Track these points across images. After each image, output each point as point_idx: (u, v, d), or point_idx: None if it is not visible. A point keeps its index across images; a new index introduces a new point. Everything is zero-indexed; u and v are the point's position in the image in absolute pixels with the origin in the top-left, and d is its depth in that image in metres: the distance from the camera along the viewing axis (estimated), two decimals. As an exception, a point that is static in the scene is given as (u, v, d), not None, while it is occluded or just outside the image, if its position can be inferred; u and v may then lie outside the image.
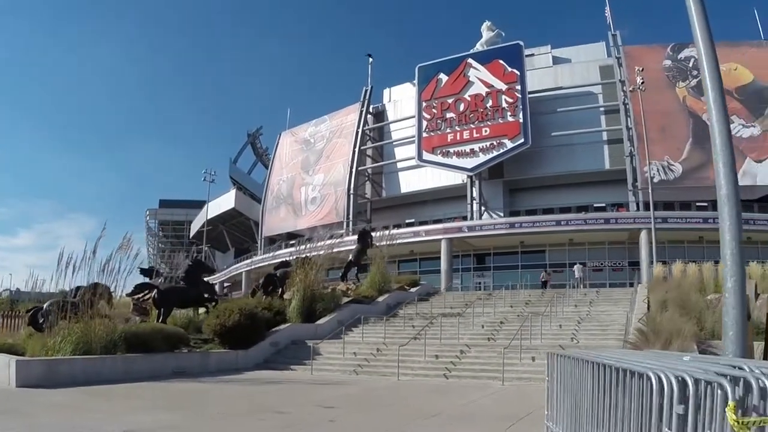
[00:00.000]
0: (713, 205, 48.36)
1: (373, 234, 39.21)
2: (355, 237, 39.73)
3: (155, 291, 25.16)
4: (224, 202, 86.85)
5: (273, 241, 73.17)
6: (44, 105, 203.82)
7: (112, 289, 22.13)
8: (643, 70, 49.76)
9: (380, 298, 32.44)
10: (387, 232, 41.22)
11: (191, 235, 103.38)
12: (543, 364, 17.74)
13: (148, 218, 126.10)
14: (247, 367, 22.87)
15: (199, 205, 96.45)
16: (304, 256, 30.93)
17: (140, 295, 25.37)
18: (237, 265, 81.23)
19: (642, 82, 48.24)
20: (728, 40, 55.82)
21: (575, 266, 47.03)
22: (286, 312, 28.26)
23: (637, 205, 47.06)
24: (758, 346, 13.92)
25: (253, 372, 21.83)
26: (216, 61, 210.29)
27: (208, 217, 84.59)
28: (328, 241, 35.62)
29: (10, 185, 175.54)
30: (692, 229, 47.81)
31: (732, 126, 47.99)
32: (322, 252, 32.28)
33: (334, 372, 21.55)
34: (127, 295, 25.38)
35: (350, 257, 37.74)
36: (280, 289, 31.14)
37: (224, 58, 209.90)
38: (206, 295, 28.02)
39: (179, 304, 26.48)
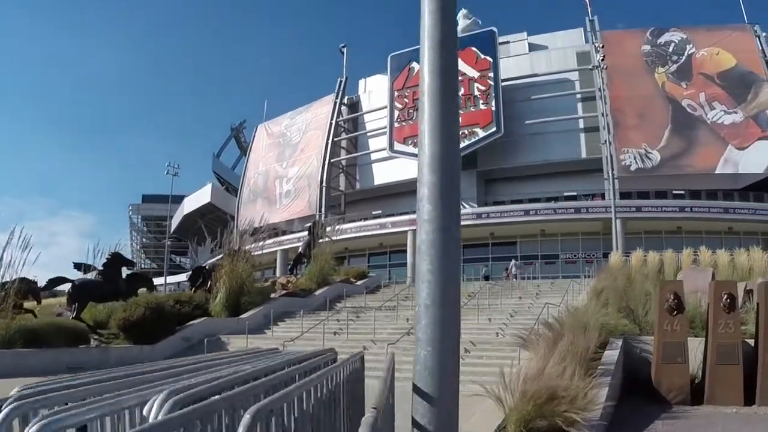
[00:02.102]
0: (691, 193, 48.03)
1: (326, 226, 37.15)
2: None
3: (70, 285, 24.17)
4: (201, 196, 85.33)
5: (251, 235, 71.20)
6: (25, 99, 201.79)
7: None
8: (603, 46, 48.09)
9: (318, 292, 30.92)
10: (337, 226, 39.18)
11: (172, 230, 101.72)
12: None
13: (131, 213, 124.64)
14: (152, 363, 21.07)
15: (180, 200, 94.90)
16: (231, 248, 29.05)
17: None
18: (212, 260, 79.32)
19: (603, 58, 46.54)
20: (711, 24, 55.51)
21: (510, 262, 45.53)
22: (210, 306, 27.04)
23: (613, 194, 44.96)
24: (698, 344, 12.24)
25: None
26: (199, 56, 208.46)
27: (186, 212, 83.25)
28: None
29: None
30: (669, 219, 46.37)
31: (713, 112, 48.11)
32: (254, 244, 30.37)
33: None
34: (42, 289, 25.17)
35: (300, 249, 36.24)
36: (209, 282, 29.33)
37: (208, 52, 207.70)
38: (143, 288, 27.48)
39: (95, 299, 25.25)
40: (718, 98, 51.40)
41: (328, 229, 38.44)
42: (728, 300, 11.75)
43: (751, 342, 12.12)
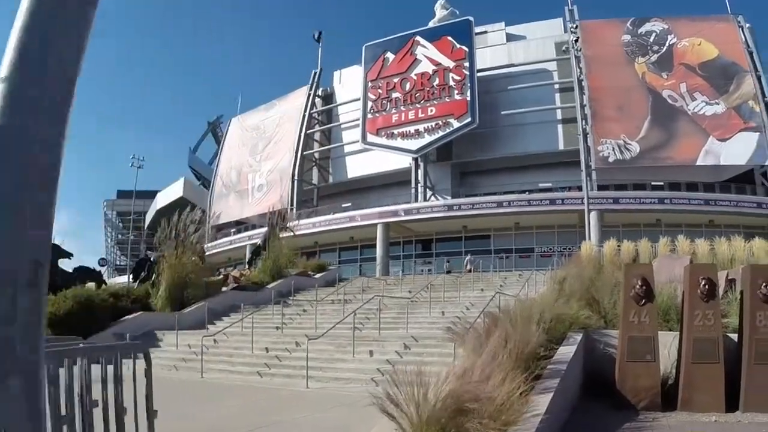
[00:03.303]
0: (670, 185, 46.50)
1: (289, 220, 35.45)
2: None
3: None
4: (173, 191, 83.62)
5: (221, 230, 69.41)
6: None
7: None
8: (577, 39, 46.81)
9: (271, 285, 29.16)
10: (298, 221, 37.54)
11: (146, 225, 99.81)
12: (381, 360, 14.35)
13: (105, 209, 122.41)
14: (80, 362, 19.12)
15: (154, 195, 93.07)
16: (176, 238, 27.05)
17: None
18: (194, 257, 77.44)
19: (577, 45, 45.46)
20: (693, 15, 54.22)
21: (466, 258, 43.89)
22: (151, 300, 25.35)
23: (586, 184, 43.24)
24: (672, 339, 10.47)
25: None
26: (177, 49, 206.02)
27: (159, 207, 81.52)
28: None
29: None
30: (647, 211, 44.82)
31: (695, 103, 46.58)
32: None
33: (157, 368, 17.50)
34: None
35: (259, 242, 34.45)
36: (154, 275, 27.29)
37: (186, 46, 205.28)
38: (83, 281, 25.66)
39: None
40: (700, 89, 49.94)
41: (291, 223, 36.56)
42: (706, 286, 9.93)
43: (734, 337, 10.41)
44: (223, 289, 28.37)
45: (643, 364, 9.86)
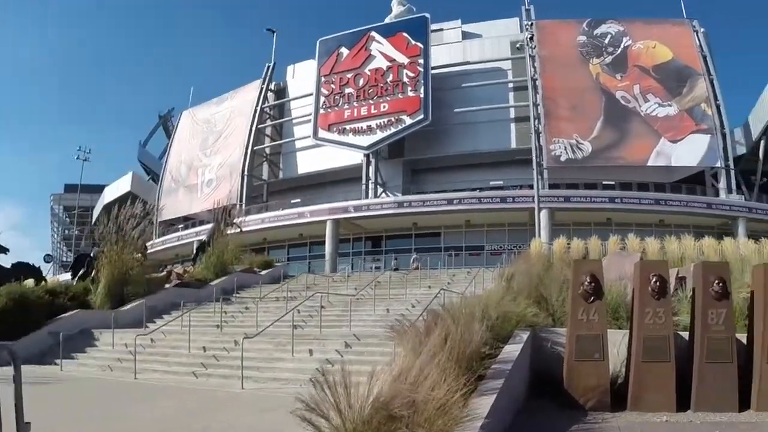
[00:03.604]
0: (622, 185, 46.79)
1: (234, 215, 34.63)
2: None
3: None
4: (121, 185, 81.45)
5: (171, 225, 67.93)
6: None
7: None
8: (532, 37, 46.90)
9: (214, 282, 28.17)
10: (244, 218, 36.68)
11: (93, 220, 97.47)
12: (321, 359, 13.73)
13: (52, 203, 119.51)
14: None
15: (103, 189, 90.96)
16: (117, 233, 26.04)
17: None
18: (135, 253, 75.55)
19: (532, 41, 46.40)
20: (648, 17, 55.14)
21: (412, 256, 43.21)
22: (90, 297, 24.26)
23: (537, 181, 43.15)
24: (621, 337, 10.09)
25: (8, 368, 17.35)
26: (128, 41, 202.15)
27: (107, 201, 79.34)
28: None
29: None
30: (598, 209, 45.17)
31: (648, 105, 46.84)
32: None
33: (92, 368, 17.91)
34: None
35: (205, 238, 33.56)
36: (93, 271, 26.26)
37: (139, 35, 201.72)
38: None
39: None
40: (653, 91, 50.63)
41: (238, 219, 35.76)
42: (657, 283, 9.56)
43: (685, 335, 10.04)
44: (166, 286, 27.38)
45: (591, 363, 9.45)
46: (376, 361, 9.78)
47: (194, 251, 34.74)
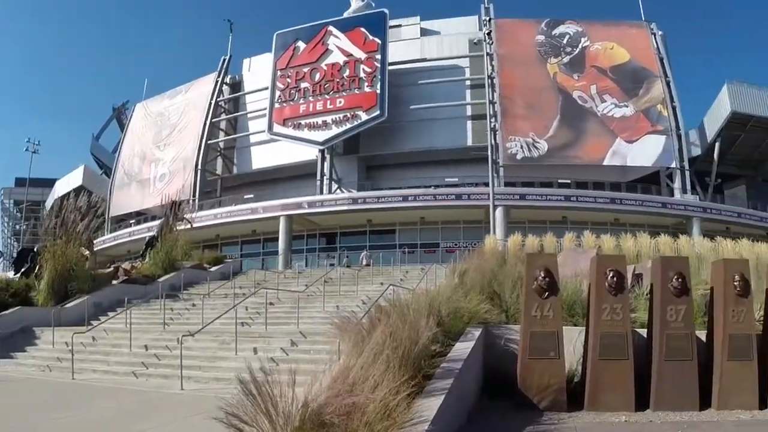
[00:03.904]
0: (578, 184, 46.91)
1: (184, 210, 33.80)
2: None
3: None
4: (72, 179, 79.53)
5: (123, 221, 66.49)
6: None
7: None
8: (490, 32, 46.85)
9: (163, 278, 27.37)
10: (194, 213, 35.88)
11: (45, 215, 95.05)
12: (265, 358, 13.11)
13: (2, 197, 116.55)
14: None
15: (54, 183, 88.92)
16: (61, 227, 25.14)
17: None
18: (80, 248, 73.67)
19: (489, 33, 46.83)
20: (606, 19, 55.49)
21: (362, 253, 42.77)
22: (33, 293, 23.52)
23: (492, 178, 42.93)
24: (578, 334, 9.78)
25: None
26: (85, 29, 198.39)
27: (58, 196, 77.31)
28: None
29: None
30: (554, 207, 45.26)
31: (604, 105, 47.01)
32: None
33: (30, 368, 17.21)
34: None
35: (153, 232, 32.64)
36: (37, 267, 25.29)
37: (93, 24, 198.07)
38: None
39: None
40: (610, 91, 50.98)
41: (189, 214, 34.90)
42: (615, 278, 9.17)
43: (643, 332, 9.64)
44: (113, 282, 26.46)
45: (546, 361, 9.05)
46: (323, 360, 9.31)
47: (144, 247, 33.74)
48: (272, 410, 4.90)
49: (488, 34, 49.07)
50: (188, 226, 34.11)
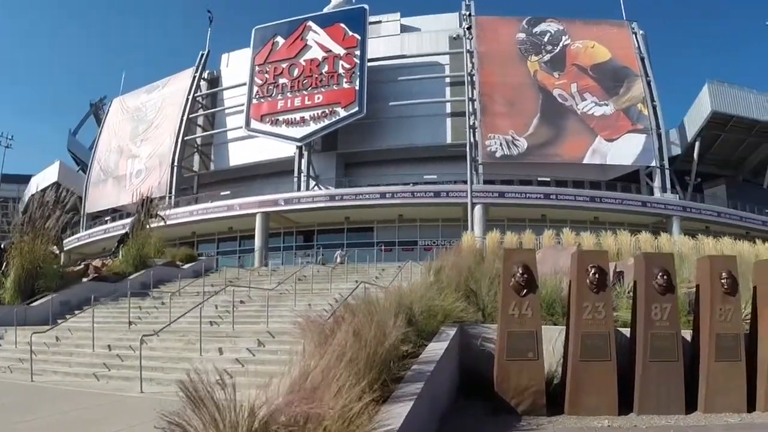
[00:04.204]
0: (557, 183, 46.71)
1: (158, 206, 33.12)
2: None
3: None
4: (47, 175, 78.22)
5: (98, 217, 65.44)
6: None
7: None
8: (470, 27, 46.54)
9: (133, 276, 26.74)
10: (167, 211, 35.23)
11: (21, 211, 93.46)
12: (230, 358, 12.54)
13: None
14: None
15: (29, 179, 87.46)
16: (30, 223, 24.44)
17: None
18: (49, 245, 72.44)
19: (469, 27, 46.90)
20: (588, 18, 55.65)
21: (337, 252, 42.74)
22: (1, 291, 22.92)
23: (470, 175, 42.57)
24: (557, 334, 9.28)
25: None
26: (63, 26, 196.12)
27: (34, 192, 76.02)
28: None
29: None
30: (533, 205, 45.05)
31: (584, 103, 46.70)
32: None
33: None
34: None
35: (126, 229, 31.93)
36: (4, 264, 24.55)
37: (72, 18, 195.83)
38: None
39: None
40: (590, 90, 51.10)
41: (164, 211, 34.22)
42: (597, 275, 8.68)
43: (626, 332, 9.20)
44: (83, 280, 25.82)
45: (525, 362, 8.53)
46: (290, 361, 8.75)
47: (116, 244, 33.00)
48: (219, 420, 4.36)
49: (468, 29, 48.60)
50: (161, 222, 33.43)
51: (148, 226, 31.12)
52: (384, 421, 5.19)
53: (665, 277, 8.67)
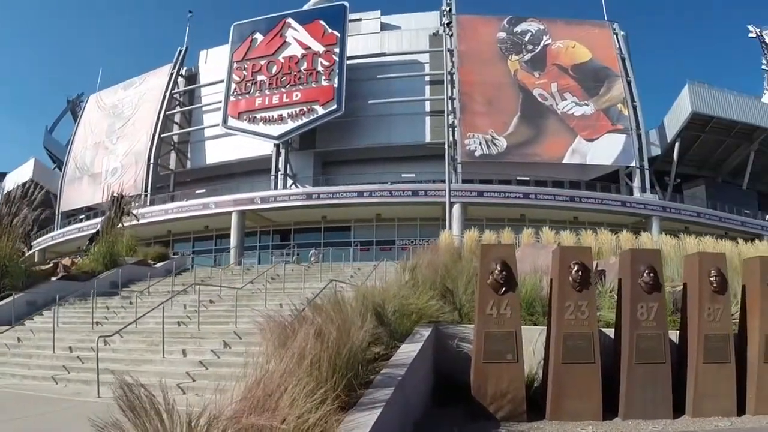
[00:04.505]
0: (537, 182, 46.41)
1: (130, 204, 32.39)
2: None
3: None
4: (22, 172, 76.74)
5: (72, 216, 64.35)
6: None
7: None
8: (450, 23, 46.25)
9: (104, 274, 25.89)
10: (139, 209, 34.60)
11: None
12: (194, 361, 11.95)
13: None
14: None
15: (3, 177, 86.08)
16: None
17: None
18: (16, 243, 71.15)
19: (449, 23, 46.78)
20: (569, 18, 55.65)
21: (311, 251, 41.58)
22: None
23: (447, 174, 42.17)
24: (538, 335, 8.92)
25: None
26: (41, 21, 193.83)
27: (7, 190, 74.55)
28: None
29: None
30: (512, 205, 44.67)
31: (564, 103, 46.40)
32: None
33: None
34: None
35: (98, 227, 31.19)
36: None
37: (53, 17, 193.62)
38: None
39: None
40: (570, 90, 50.93)
41: (138, 210, 33.56)
42: (580, 273, 8.20)
43: (609, 332, 8.62)
44: (52, 278, 25.00)
45: (503, 365, 8.03)
46: (245, 364, 8.21)
47: (87, 242, 32.25)
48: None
49: (448, 24, 48.13)
50: (135, 221, 32.74)
51: (120, 225, 30.41)
52: (350, 430, 4.67)
53: (652, 274, 8.21)
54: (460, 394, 8.32)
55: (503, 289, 8.13)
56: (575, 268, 8.13)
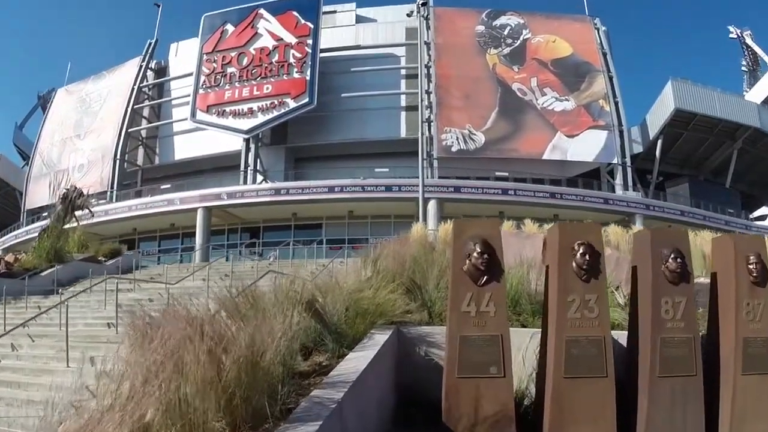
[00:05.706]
0: (516, 179, 44.63)
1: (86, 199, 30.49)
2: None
3: None
4: (-11, 169, 74.41)
5: (38, 213, 61.95)
6: None
7: None
8: (425, 4, 44.61)
9: (47, 272, 24.45)
10: (107, 206, 32.71)
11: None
12: (101, 371, 10.02)
13: None
14: None
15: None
16: None
17: None
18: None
19: (427, 16, 46.33)
20: (550, 12, 55.31)
21: (271, 253, 39.56)
22: None
23: (421, 168, 40.53)
24: (529, 339, 6.70)
25: None
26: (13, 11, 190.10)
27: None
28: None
29: None
30: (490, 201, 43.53)
31: (544, 98, 44.18)
32: None
33: None
34: None
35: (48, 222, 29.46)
36: None
37: (24, 9, 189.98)
38: None
39: None
40: (551, 85, 50.05)
41: (104, 207, 31.73)
42: (587, 256, 6.10)
43: (618, 335, 6.64)
44: (-8, 276, 23.10)
45: (485, 380, 5.81)
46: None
47: (37, 239, 30.27)
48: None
49: (426, 17, 46.55)
50: (90, 216, 30.86)
51: (74, 220, 28.57)
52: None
53: (679, 260, 6.21)
54: (430, 415, 6.26)
55: (485, 277, 5.97)
56: (581, 251, 6.07)
